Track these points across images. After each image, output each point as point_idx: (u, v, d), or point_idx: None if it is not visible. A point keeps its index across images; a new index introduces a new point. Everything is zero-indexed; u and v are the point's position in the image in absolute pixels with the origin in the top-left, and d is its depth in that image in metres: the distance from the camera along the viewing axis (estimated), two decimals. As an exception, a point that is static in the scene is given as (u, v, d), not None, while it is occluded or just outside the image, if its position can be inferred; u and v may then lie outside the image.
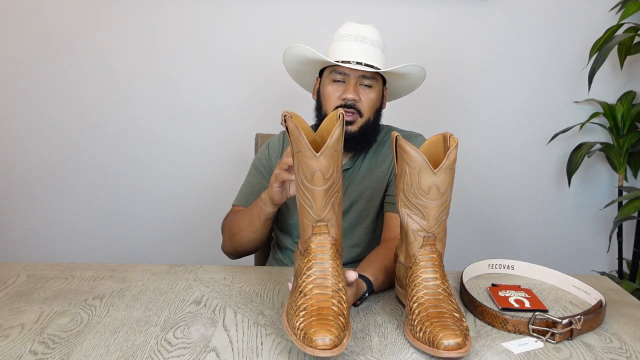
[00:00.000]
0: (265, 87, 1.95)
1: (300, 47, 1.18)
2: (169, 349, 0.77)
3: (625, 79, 1.95)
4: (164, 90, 1.95)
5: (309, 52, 1.17)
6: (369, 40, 1.18)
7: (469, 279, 1.08)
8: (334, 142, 0.76)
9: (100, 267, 1.10)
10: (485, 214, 2.05)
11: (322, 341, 0.68)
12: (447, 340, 0.73)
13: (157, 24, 1.91)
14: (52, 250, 2.07)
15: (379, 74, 1.21)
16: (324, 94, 1.21)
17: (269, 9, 1.90)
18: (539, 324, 0.83)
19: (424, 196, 0.82)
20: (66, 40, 1.92)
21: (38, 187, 2.02)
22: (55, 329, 0.83)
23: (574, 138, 1.98)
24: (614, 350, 0.81)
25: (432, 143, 0.91)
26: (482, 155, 2.01)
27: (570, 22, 1.91)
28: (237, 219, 1.22)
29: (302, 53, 1.20)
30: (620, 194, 1.88)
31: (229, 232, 1.24)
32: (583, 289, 1.00)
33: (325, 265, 0.77)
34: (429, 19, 1.90)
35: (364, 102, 1.18)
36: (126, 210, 2.04)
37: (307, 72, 1.28)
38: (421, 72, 1.23)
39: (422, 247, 0.84)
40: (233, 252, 1.27)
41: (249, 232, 1.18)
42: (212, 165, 2.01)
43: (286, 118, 0.80)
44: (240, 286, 1.02)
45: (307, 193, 0.78)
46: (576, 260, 2.08)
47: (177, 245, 2.07)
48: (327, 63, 1.19)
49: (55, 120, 1.97)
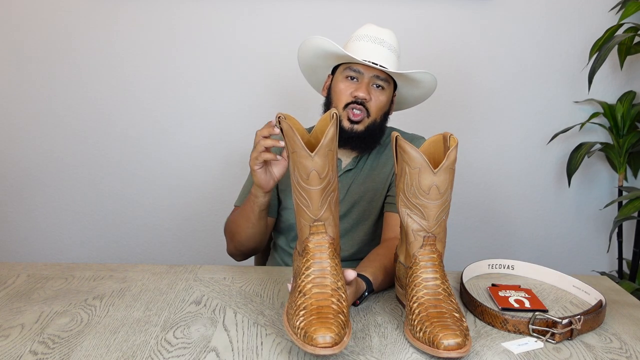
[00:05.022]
0: (266, 87, 1.95)
1: (320, 39, 1.18)
2: (169, 349, 0.77)
3: (625, 79, 1.95)
4: (164, 90, 1.95)
5: (329, 44, 1.17)
6: (387, 44, 1.20)
7: (469, 279, 1.08)
8: (329, 141, 0.76)
9: (100, 267, 1.10)
10: (485, 214, 2.05)
11: (323, 339, 0.68)
12: (447, 340, 0.73)
13: (157, 24, 1.91)
14: (52, 250, 2.07)
15: (392, 78, 1.22)
16: (336, 90, 1.21)
17: (270, 10, 1.90)
18: (539, 324, 0.83)
19: (424, 196, 0.82)
20: (65, 40, 1.92)
21: (38, 187, 2.02)
22: (55, 329, 0.83)
23: (574, 138, 1.98)
24: (614, 350, 0.81)
25: (432, 143, 0.91)
26: (482, 155, 2.01)
27: (570, 22, 1.91)
28: (234, 219, 1.23)
29: (321, 45, 1.19)
30: (620, 194, 1.88)
31: (230, 233, 1.25)
32: (583, 289, 1.00)
33: (324, 265, 0.77)
34: (428, 19, 1.90)
35: (374, 103, 1.19)
36: (126, 210, 2.04)
37: (321, 68, 1.28)
38: (432, 83, 1.23)
39: (422, 247, 0.84)
40: (237, 253, 1.27)
41: (246, 227, 1.18)
42: (212, 165, 2.01)
43: (280, 119, 0.80)
44: (240, 286, 1.02)
45: (303, 193, 0.78)
46: (576, 260, 2.08)
47: (177, 245, 2.07)
48: (343, 59, 1.19)
49: (55, 120, 1.97)
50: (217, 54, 1.93)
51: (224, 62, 1.94)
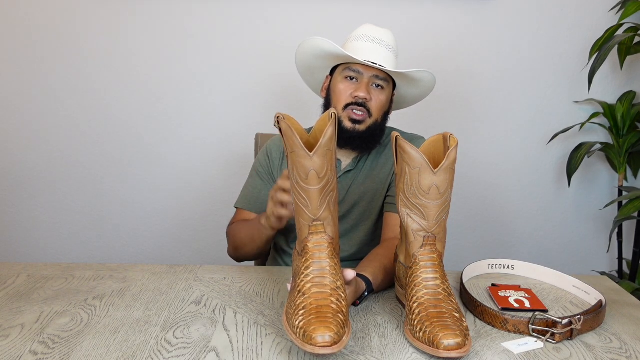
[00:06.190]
0: (266, 87, 1.95)
1: (319, 40, 1.18)
2: (169, 349, 0.77)
3: (625, 79, 1.95)
4: (164, 91, 1.95)
5: (328, 44, 1.17)
6: (385, 43, 1.20)
7: (469, 279, 1.08)
8: (327, 140, 0.76)
9: (100, 267, 1.10)
10: (485, 214, 2.05)
11: (322, 338, 0.68)
12: (447, 340, 0.73)
13: (157, 23, 1.91)
14: (52, 250, 2.07)
15: (391, 77, 1.22)
16: (335, 90, 1.21)
17: (270, 9, 1.90)
18: (539, 324, 0.83)
19: (424, 196, 0.82)
20: (65, 40, 1.92)
21: (38, 187, 2.02)
22: (55, 329, 0.83)
23: (574, 138, 1.98)
24: (614, 350, 0.81)
25: (432, 143, 0.91)
26: (482, 155, 2.01)
27: (570, 22, 1.91)
28: (239, 234, 1.23)
29: (320, 46, 1.19)
30: (620, 194, 1.88)
31: (233, 244, 1.26)
32: (583, 289, 1.00)
33: (323, 264, 0.77)
34: (428, 19, 1.90)
35: (374, 103, 1.19)
36: (126, 210, 2.04)
37: (319, 69, 1.28)
38: (431, 82, 1.23)
39: (422, 247, 0.84)
40: (239, 260, 1.29)
41: (251, 248, 1.20)
42: (212, 165, 2.01)
43: (279, 120, 0.80)
44: (240, 286, 1.02)
45: (302, 193, 0.78)
46: (576, 260, 2.08)
47: (177, 245, 2.07)
48: (342, 59, 1.19)
49: (55, 120, 1.97)
50: (217, 54, 1.93)
51: (224, 63, 1.94)
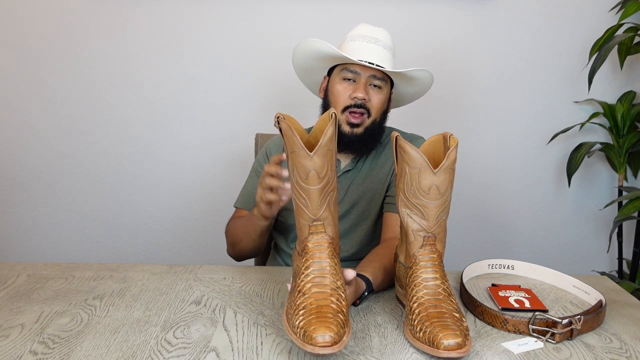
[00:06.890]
0: (266, 87, 1.95)
1: (315, 41, 1.18)
2: (169, 349, 0.77)
3: (625, 79, 1.95)
4: (164, 90, 1.95)
5: (325, 46, 1.16)
6: (382, 43, 1.19)
7: (469, 279, 1.08)
8: (327, 140, 0.76)
9: (100, 267, 1.10)
10: (485, 214, 2.05)
11: (322, 338, 0.68)
12: (447, 340, 0.73)
13: (157, 24, 1.91)
14: (52, 250, 2.07)
15: (389, 77, 1.21)
16: (333, 91, 1.21)
17: (270, 9, 1.90)
18: (539, 324, 0.83)
19: (424, 196, 0.82)
20: (65, 40, 1.92)
21: (38, 187, 2.02)
22: (55, 329, 0.83)
23: (574, 138, 1.98)
24: (614, 350, 0.81)
25: (432, 143, 0.91)
26: (482, 155, 2.01)
27: (570, 22, 1.91)
28: (235, 229, 1.24)
29: (317, 47, 1.19)
30: (620, 194, 1.88)
31: (230, 240, 1.27)
32: (583, 289, 1.00)
33: (323, 264, 0.77)
34: (428, 18, 1.90)
35: (373, 103, 1.19)
36: (126, 210, 2.04)
37: (316, 70, 1.28)
38: (429, 80, 1.23)
39: (422, 247, 0.84)
40: (237, 258, 1.29)
41: (247, 242, 1.20)
42: (212, 165, 2.01)
43: (279, 119, 0.80)
44: (240, 286, 1.02)
45: (302, 193, 0.78)
46: (576, 260, 2.08)
47: (177, 245, 2.07)
48: (339, 60, 1.19)
49: (54, 120, 1.97)
50: (217, 54, 1.93)
51: (224, 63, 1.94)
